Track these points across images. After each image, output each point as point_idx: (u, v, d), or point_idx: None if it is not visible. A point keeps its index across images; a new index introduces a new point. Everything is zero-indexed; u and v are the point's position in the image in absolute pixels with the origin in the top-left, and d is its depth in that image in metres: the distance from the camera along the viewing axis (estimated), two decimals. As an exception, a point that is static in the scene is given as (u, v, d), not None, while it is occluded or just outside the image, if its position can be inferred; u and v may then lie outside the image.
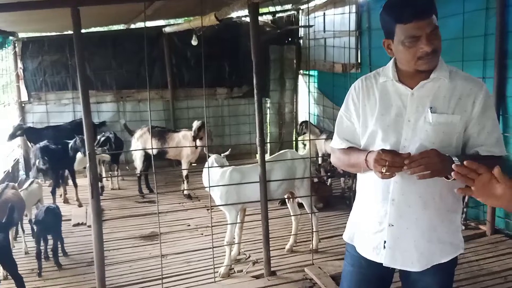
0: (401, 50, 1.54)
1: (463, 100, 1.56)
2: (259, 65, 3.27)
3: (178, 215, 4.81)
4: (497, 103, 3.78)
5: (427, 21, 1.47)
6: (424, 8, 1.48)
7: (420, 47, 1.49)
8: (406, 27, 1.48)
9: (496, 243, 3.82)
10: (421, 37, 1.47)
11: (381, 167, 1.46)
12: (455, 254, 1.68)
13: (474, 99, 1.55)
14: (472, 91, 1.56)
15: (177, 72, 7.01)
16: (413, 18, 1.46)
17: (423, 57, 1.50)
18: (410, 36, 1.48)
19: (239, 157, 6.87)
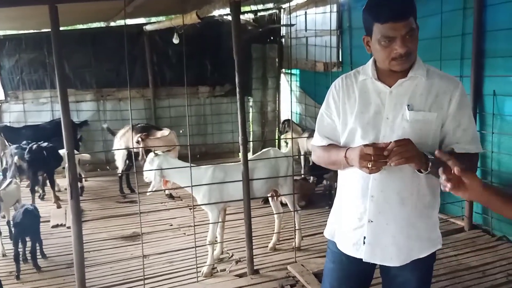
0: (377, 49, 1.56)
1: (439, 98, 1.59)
2: (241, 63, 3.26)
3: (160, 215, 4.77)
4: (474, 101, 3.86)
5: (403, 23, 1.48)
6: (401, 10, 1.49)
7: (394, 48, 1.51)
8: (382, 27, 1.50)
9: (473, 238, 3.91)
10: (396, 38, 1.49)
11: (367, 163, 1.47)
12: (433, 249, 1.71)
13: (450, 97, 1.58)
14: (448, 89, 1.59)
15: (158, 71, 6.96)
16: (390, 19, 1.48)
17: (396, 59, 1.53)
18: (385, 36, 1.51)
19: (222, 156, 6.87)
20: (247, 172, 3.34)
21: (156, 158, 3.63)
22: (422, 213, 1.66)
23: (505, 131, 3.74)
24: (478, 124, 3.90)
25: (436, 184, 1.67)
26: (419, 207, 1.65)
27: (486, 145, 3.88)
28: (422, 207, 1.65)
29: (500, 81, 3.72)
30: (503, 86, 3.70)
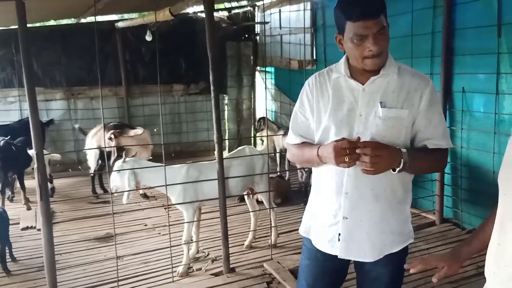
0: (350, 47, 1.57)
1: (410, 95, 1.61)
2: (216, 61, 3.24)
3: (135, 215, 4.70)
4: (444, 98, 3.95)
5: (375, 21, 1.50)
6: (372, 8, 1.51)
7: (367, 46, 1.52)
8: (354, 25, 1.51)
9: (444, 232, 4.01)
10: (368, 36, 1.51)
11: (344, 157, 1.48)
12: (406, 244, 1.74)
13: (421, 94, 1.61)
14: (419, 86, 1.61)
15: (131, 68, 6.85)
16: (362, 17, 1.49)
17: (368, 57, 1.55)
18: (357, 34, 1.52)
19: (197, 155, 6.82)
20: (222, 170, 3.32)
21: (126, 165, 3.50)
22: (395, 209, 1.69)
23: (474, 127, 3.84)
24: (448, 120, 3.99)
25: (408, 179, 1.71)
26: (393, 202, 1.67)
27: (455, 140, 3.99)
28: (395, 202, 1.68)
29: (469, 78, 3.81)
30: (472, 83, 3.80)
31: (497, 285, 1.27)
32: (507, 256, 1.22)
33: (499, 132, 3.57)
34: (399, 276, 1.80)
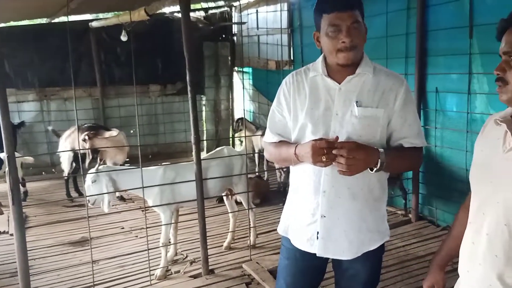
0: (325, 41, 1.60)
1: (385, 95, 1.63)
2: (192, 61, 3.21)
3: (111, 218, 4.61)
4: (418, 98, 4.02)
5: (349, 13, 1.53)
6: (346, 0, 1.54)
7: (340, 38, 1.55)
8: (329, 17, 1.55)
9: (420, 229, 4.08)
10: (342, 28, 1.54)
11: (321, 157, 1.48)
12: (382, 241, 1.77)
13: (396, 94, 1.63)
14: (394, 86, 1.64)
15: (106, 69, 6.73)
16: (335, 8, 1.54)
17: (342, 50, 1.56)
18: (332, 25, 1.55)
19: (175, 156, 6.76)
20: (200, 171, 3.29)
21: (102, 176, 3.35)
22: (372, 207, 1.71)
23: (447, 126, 3.93)
24: (422, 119, 4.07)
25: (385, 178, 1.73)
26: (369, 201, 1.69)
27: (430, 139, 4.07)
28: (372, 200, 1.70)
29: (442, 79, 3.90)
30: (445, 83, 3.88)
31: (471, 282, 1.30)
32: (481, 254, 1.25)
33: (471, 131, 3.66)
34: (376, 274, 1.83)
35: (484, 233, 1.24)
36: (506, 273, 1.19)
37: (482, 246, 1.24)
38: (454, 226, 1.51)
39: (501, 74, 1.14)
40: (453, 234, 1.50)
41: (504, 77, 1.14)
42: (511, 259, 1.18)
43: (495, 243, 1.21)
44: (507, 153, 1.19)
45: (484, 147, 1.30)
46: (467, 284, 1.32)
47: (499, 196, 1.20)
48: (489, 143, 1.28)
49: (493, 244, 1.21)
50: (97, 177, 3.36)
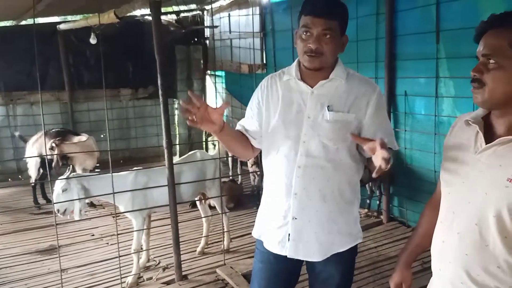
0: (297, 42, 1.63)
1: (358, 100, 1.65)
2: (164, 65, 3.17)
3: (80, 225, 4.49)
4: (388, 101, 4.10)
5: (324, 20, 1.54)
6: (325, 8, 1.56)
7: (308, 42, 1.57)
8: (305, 18, 1.58)
9: (391, 230, 4.15)
10: (313, 33, 1.56)
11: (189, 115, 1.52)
12: (353, 244, 1.78)
13: (368, 100, 1.65)
14: (366, 92, 1.66)
15: (75, 72, 6.57)
16: (312, 12, 1.56)
17: (307, 53, 1.59)
18: (304, 26, 1.57)
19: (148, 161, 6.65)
20: (172, 176, 3.25)
21: (72, 183, 3.25)
22: (343, 209, 1.72)
23: (416, 129, 4.02)
24: (392, 122, 4.15)
25: (356, 181, 1.75)
26: (340, 203, 1.70)
27: (400, 142, 4.15)
28: (343, 203, 1.71)
29: (411, 82, 3.98)
30: (413, 86, 3.97)
31: (443, 280, 1.32)
32: (451, 253, 1.27)
33: (439, 133, 3.75)
34: (349, 276, 1.85)
35: (454, 232, 1.26)
36: (475, 271, 1.22)
37: (453, 245, 1.27)
38: (419, 224, 1.54)
39: (478, 76, 1.17)
40: (419, 231, 1.53)
41: (481, 78, 1.16)
42: (480, 257, 1.20)
43: (466, 242, 1.23)
44: (479, 154, 1.22)
45: (454, 148, 1.33)
46: (439, 282, 1.35)
47: (470, 196, 1.22)
48: (459, 143, 1.31)
49: (464, 242, 1.24)
50: (68, 185, 3.26)
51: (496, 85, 1.14)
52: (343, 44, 1.65)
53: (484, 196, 1.19)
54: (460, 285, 1.25)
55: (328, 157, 1.63)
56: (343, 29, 1.62)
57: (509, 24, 1.13)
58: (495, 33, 1.15)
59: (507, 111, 1.18)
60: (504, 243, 1.16)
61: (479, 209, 1.20)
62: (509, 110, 1.18)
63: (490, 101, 1.17)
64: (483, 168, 1.20)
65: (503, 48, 1.12)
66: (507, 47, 1.12)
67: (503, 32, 1.13)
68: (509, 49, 1.12)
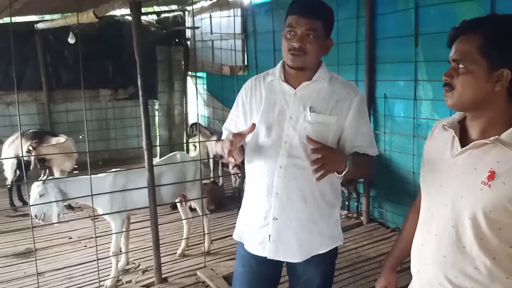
0: (282, 41, 1.64)
1: (340, 103, 1.67)
2: (144, 66, 3.14)
3: (58, 228, 4.40)
4: (368, 104, 4.14)
5: (308, 20, 1.56)
6: (310, 8, 1.58)
7: (293, 41, 1.58)
8: (289, 18, 1.60)
9: (371, 231, 4.20)
10: (297, 32, 1.58)
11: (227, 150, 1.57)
12: (334, 246, 1.79)
13: (350, 103, 1.67)
14: (348, 95, 1.68)
15: (53, 72, 6.45)
16: (297, 12, 1.58)
17: (291, 50, 1.60)
18: (289, 26, 1.59)
19: (128, 162, 6.57)
20: (152, 177, 3.22)
21: (49, 187, 3.18)
22: (324, 211, 1.73)
23: (395, 131, 4.08)
24: (372, 125, 4.19)
25: (337, 183, 1.76)
26: (321, 204, 1.71)
27: (379, 144, 4.20)
28: (324, 205, 1.72)
29: (390, 85, 4.04)
30: (393, 89, 4.03)
31: (422, 282, 1.34)
32: (430, 255, 1.29)
33: (417, 135, 3.81)
34: (329, 278, 1.86)
35: (433, 234, 1.28)
36: (453, 273, 1.23)
37: (431, 247, 1.29)
38: (404, 228, 1.56)
39: (449, 80, 1.19)
40: (404, 235, 1.55)
41: (451, 82, 1.19)
42: (458, 259, 1.22)
43: (443, 244, 1.25)
44: (455, 158, 1.24)
45: (433, 152, 1.35)
46: (418, 284, 1.36)
47: (447, 199, 1.24)
48: (437, 147, 1.33)
49: (441, 245, 1.25)
50: (45, 190, 3.18)
51: (464, 89, 1.17)
52: (328, 47, 1.66)
53: (460, 199, 1.21)
54: (438, 286, 1.27)
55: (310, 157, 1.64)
56: (328, 31, 1.63)
57: (478, 30, 1.15)
58: (465, 38, 1.18)
59: (478, 115, 1.21)
60: (480, 244, 1.18)
61: (455, 211, 1.22)
62: (480, 113, 1.20)
63: (459, 105, 1.20)
64: (459, 171, 1.22)
65: (472, 53, 1.15)
66: (475, 52, 1.14)
67: (472, 38, 1.15)
68: (477, 54, 1.14)
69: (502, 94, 1.16)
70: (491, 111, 1.18)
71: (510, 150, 1.13)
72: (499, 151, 1.15)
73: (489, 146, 1.17)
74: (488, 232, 1.17)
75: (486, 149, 1.18)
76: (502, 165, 1.14)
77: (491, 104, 1.17)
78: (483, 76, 1.14)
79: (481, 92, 1.15)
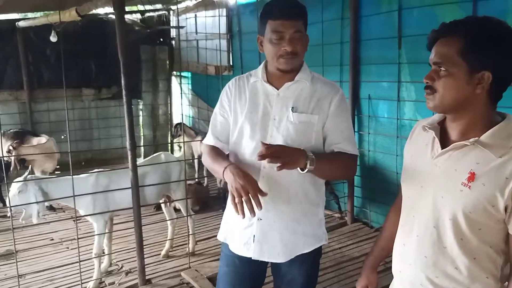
0: (268, 47, 1.63)
1: (320, 102, 1.68)
2: (128, 65, 3.10)
3: (39, 229, 4.33)
4: (353, 105, 4.18)
5: (293, 22, 1.57)
6: (292, 10, 1.60)
7: (283, 45, 1.59)
8: (274, 23, 1.58)
9: (355, 231, 4.22)
10: (285, 36, 1.58)
11: (239, 198, 1.50)
12: (318, 245, 1.80)
13: (331, 101, 1.68)
14: (329, 94, 1.69)
15: (35, 71, 6.34)
16: (281, 16, 1.57)
17: (283, 56, 1.60)
18: (276, 31, 1.58)
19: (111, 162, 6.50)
20: (136, 178, 3.18)
21: (30, 185, 3.13)
22: (308, 211, 1.74)
23: (379, 132, 4.11)
24: (356, 125, 4.23)
25: (321, 183, 1.77)
26: (305, 204, 1.72)
27: (363, 144, 4.24)
28: (307, 204, 1.73)
29: (374, 86, 4.07)
30: (377, 90, 4.06)
31: (403, 283, 1.36)
32: (411, 256, 1.30)
33: (401, 136, 3.85)
34: (313, 277, 1.86)
35: (414, 235, 1.30)
36: (434, 273, 1.25)
37: (413, 248, 1.30)
38: (384, 228, 1.58)
39: (430, 83, 1.20)
40: (384, 235, 1.56)
41: (432, 85, 1.20)
42: (439, 259, 1.24)
43: (424, 245, 1.26)
44: (435, 159, 1.25)
45: (413, 153, 1.37)
46: (400, 284, 1.38)
47: (428, 199, 1.26)
48: (417, 148, 1.35)
49: (423, 245, 1.27)
50: (25, 187, 3.13)
51: (446, 91, 1.18)
52: (307, 43, 1.68)
53: (441, 199, 1.22)
54: (419, 287, 1.29)
55: None
56: (306, 28, 1.66)
57: (458, 32, 1.16)
58: (444, 41, 1.18)
59: (459, 116, 1.22)
60: (460, 245, 1.20)
61: (436, 212, 1.24)
62: (460, 115, 1.22)
63: (440, 107, 1.21)
64: (439, 172, 1.24)
65: (452, 56, 1.16)
66: (456, 55, 1.15)
67: (452, 41, 1.16)
68: (457, 57, 1.15)
69: (483, 96, 1.17)
70: (471, 113, 1.20)
71: (489, 151, 1.15)
72: (479, 152, 1.17)
73: (469, 147, 1.18)
74: (468, 233, 1.18)
75: (466, 151, 1.19)
76: (481, 167, 1.15)
77: (472, 106, 1.19)
78: (464, 78, 1.15)
79: (463, 94, 1.17)
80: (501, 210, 1.14)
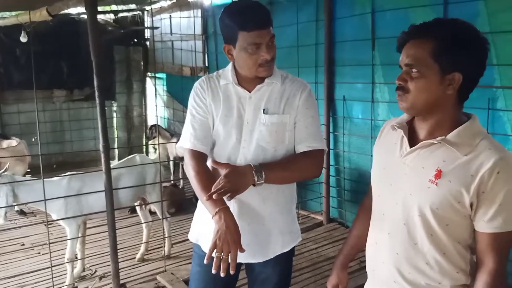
0: (243, 57, 1.59)
1: (290, 100, 1.69)
2: (101, 66, 3.04)
3: (10, 234, 4.21)
4: (327, 106, 4.22)
5: (267, 30, 1.56)
6: (265, 19, 1.57)
7: (261, 55, 1.57)
8: (249, 35, 1.54)
9: (331, 231, 4.26)
10: (262, 45, 1.56)
11: (220, 253, 1.49)
12: (295, 243, 1.81)
13: (299, 97, 1.69)
14: (297, 90, 1.70)
15: (4, 72, 6.16)
16: (256, 27, 1.54)
17: (263, 65, 1.59)
18: (253, 43, 1.55)
19: (84, 165, 6.38)
20: (109, 180, 3.12)
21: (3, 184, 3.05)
22: (283, 209, 1.74)
23: (354, 132, 4.17)
24: (331, 126, 4.28)
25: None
26: (280, 203, 1.72)
27: (338, 145, 4.28)
28: (283, 202, 1.73)
29: (349, 87, 4.13)
30: (351, 92, 4.11)
31: (377, 281, 1.37)
32: (384, 253, 1.33)
33: (375, 137, 3.85)
34: (287, 276, 1.87)
35: (385, 233, 1.32)
36: (406, 269, 1.27)
37: (385, 245, 1.32)
38: (354, 226, 1.60)
39: (403, 84, 1.22)
40: (353, 233, 1.58)
41: (405, 86, 1.22)
42: (410, 256, 1.26)
43: (396, 242, 1.29)
44: (404, 157, 1.27)
45: (383, 152, 1.39)
46: (374, 283, 1.39)
47: (397, 197, 1.28)
48: (387, 147, 1.37)
49: (394, 242, 1.29)
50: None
51: (418, 92, 1.20)
52: None
53: (410, 197, 1.25)
54: (393, 284, 1.31)
55: (266, 159, 1.64)
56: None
57: (429, 34, 1.18)
58: (416, 43, 1.20)
59: (428, 116, 1.25)
60: (430, 240, 1.23)
61: (406, 209, 1.26)
62: (430, 115, 1.24)
63: (413, 108, 1.23)
64: (407, 170, 1.26)
65: (424, 58, 1.18)
66: (428, 57, 1.17)
67: (424, 43, 1.18)
68: (429, 59, 1.17)
69: (453, 97, 1.20)
70: (440, 113, 1.22)
71: (455, 149, 1.18)
72: (445, 150, 1.20)
73: (436, 146, 1.22)
74: (437, 228, 1.21)
75: (433, 149, 1.22)
76: (448, 164, 1.19)
77: (442, 106, 1.21)
78: (436, 80, 1.18)
79: (434, 95, 1.19)
80: (467, 206, 1.18)
